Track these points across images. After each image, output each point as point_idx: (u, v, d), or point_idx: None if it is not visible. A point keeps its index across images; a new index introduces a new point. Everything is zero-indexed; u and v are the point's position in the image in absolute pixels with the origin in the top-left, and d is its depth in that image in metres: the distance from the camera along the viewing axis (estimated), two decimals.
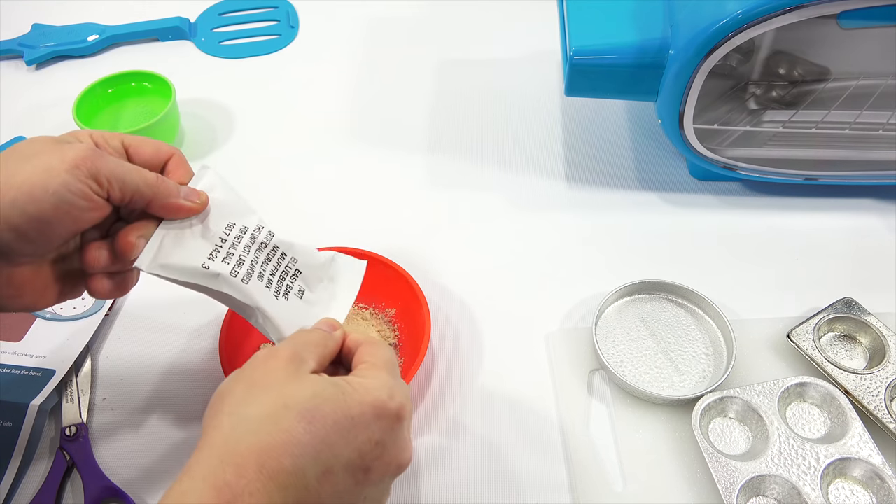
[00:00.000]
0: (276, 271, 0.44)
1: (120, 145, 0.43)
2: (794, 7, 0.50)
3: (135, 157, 0.43)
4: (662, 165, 0.70)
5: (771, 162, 0.64)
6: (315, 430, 0.35)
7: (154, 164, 0.44)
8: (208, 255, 0.42)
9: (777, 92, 0.66)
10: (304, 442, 0.34)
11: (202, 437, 0.35)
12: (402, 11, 0.88)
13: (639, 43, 0.57)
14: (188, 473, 0.33)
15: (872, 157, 0.63)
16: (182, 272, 0.41)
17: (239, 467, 0.33)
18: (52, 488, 0.49)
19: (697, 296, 0.57)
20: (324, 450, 0.35)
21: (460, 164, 0.72)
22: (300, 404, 0.35)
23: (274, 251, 0.44)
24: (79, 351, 0.56)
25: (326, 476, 0.35)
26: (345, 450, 0.35)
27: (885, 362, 0.52)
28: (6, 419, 0.51)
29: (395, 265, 0.57)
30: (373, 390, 0.37)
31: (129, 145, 0.43)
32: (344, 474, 0.35)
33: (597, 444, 0.51)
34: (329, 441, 0.35)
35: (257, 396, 0.36)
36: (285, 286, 0.44)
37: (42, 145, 0.39)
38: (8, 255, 0.38)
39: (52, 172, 0.37)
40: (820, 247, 0.63)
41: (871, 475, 0.47)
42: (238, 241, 0.43)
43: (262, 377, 0.37)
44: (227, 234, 0.43)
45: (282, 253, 0.45)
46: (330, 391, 0.36)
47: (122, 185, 0.39)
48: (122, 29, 0.85)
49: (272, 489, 0.33)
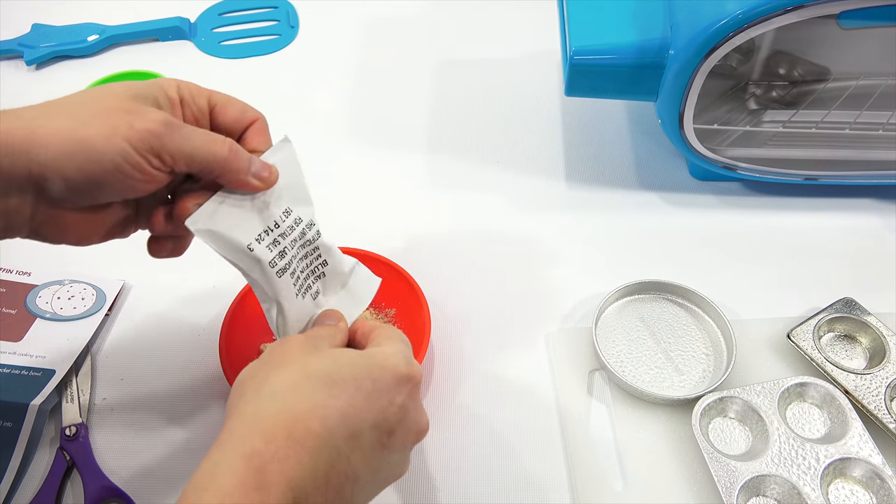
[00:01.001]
0: (306, 269, 0.44)
1: (205, 104, 0.42)
2: (794, 7, 0.50)
3: (218, 117, 0.42)
4: (662, 165, 0.70)
5: (771, 162, 0.64)
6: (338, 394, 0.35)
7: (236, 128, 0.43)
8: (257, 235, 0.40)
9: (777, 92, 0.66)
10: (330, 405, 0.35)
11: (227, 419, 0.36)
12: (401, 11, 0.88)
13: (639, 43, 0.57)
14: (218, 446, 0.34)
15: (872, 157, 0.63)
16: (226, 245, 0.39)
17: (267, 434, 0.33)
18: (52, 488, 0.49)
19: (697, 296, 0.57)
20: (350, 412, 0.35)
21: (460, 164, 0.72)
22: (321, 371, 0.36)
23: (314, 251, 0.44)
24: (79, 351, 0.56)
25: (354, 438, 0.35)
26: (370, 412, 0.36)
27: (885, 362, 0.52)
28: (6, 419, 0.51)
29: (396, 265, 0.57)
30: (391, 356, 0.38)
31: (215, 105, 0.42)
32: (370, 436, 0.36)
33: (597, 444, 0.51)
34: (354, 404, 0.36)
35: (279, 372, 0.37)
36: (307, 285, 0.44)
37: (118, 101, 0.37)
38: (56, 200, 0.37)
39: (114, 139, 0.36)
40: (820, 247, 0.63)
41: (871, 475, 0.47)
42: (289, 232, 0.42)
43: (280, 357, 0.38)
44: (282, 219, 0.41)
45: (318, 254, 0.44)
46: (347, 357, 0.38)
47: (189, 160, 0.38)
48: (122, 29, 0.85)
49: (301, 454, 0.33)
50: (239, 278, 0.42)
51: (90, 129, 0.36)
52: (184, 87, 0.41)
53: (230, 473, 0.32)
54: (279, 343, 0.40)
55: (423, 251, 0.64)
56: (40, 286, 0.60)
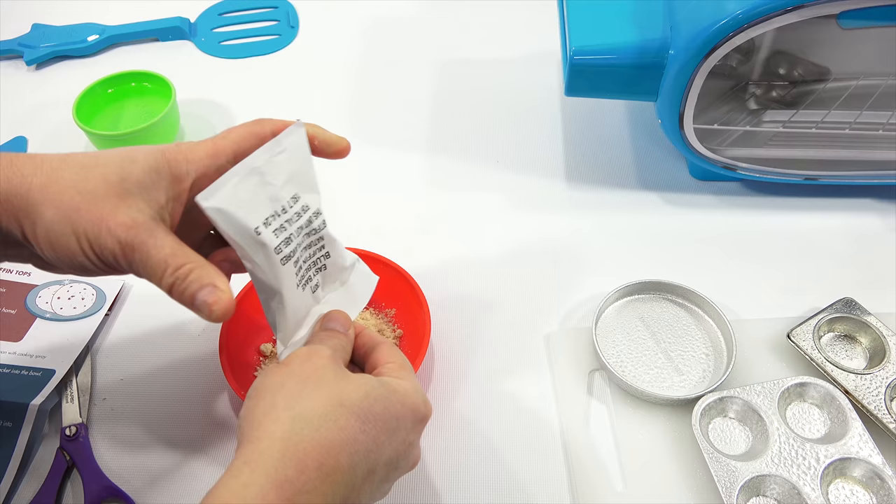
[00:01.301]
0: (308, 260, 0.43)
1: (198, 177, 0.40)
2: (794, 7, 0.50)
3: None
4: (662, 165, 0.70)
5: (771, 162, 0.64)
6: (368, 430, 0.36)
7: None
8: (265, 219, 0.39)
9: (777, 92, 0.66)
10: (359, 440, 0.36)
11: (252, 429, 0.36)
12: (402, 11, 0.88)
13: (639, 43, 0.57)
14: (248, 465, 0.34)
15: (872, 157, 0.63)
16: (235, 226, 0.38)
17: (301, 463, 0.34)
18: (52, 488, 0.49)
19: (697, 296, 0.57)
20: (374, 449, 0.36)
21: (460, 164, 0.71)
22: (355, 404, 0.36)
23: (318, 241, 0.43)
24: (79, 351, 0.56)
25: (370, 474, 0.37)
26: (387, 449, 0.37)
27: (885, 362, 0.52)
28: (6, 419, 0.51)
29: (395, 265, 0.57)
30: (412, 394, 0.39)
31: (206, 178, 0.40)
32: (381, 471, 0.37)
33: (597, 444, 0.51)
34: (378, 441, 0.37)
35: (312, 393, 0.37)
36: (307, 277, 0.43)
37: (97, 195, 0.37)
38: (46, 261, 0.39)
39: (81, 242, 0.37)
40: (820, 247, 0.63)
41: (871, 475, 0.47)
42: (296, 218, 0.41)
43: (311, 372, 0.38)
44: (289, 205, 0.40)
45: (322, 245, 0.43)
46: (379, 391, 0.38)
47: (143, 276, 0.39)
48: (122, 29, 0.85)
49: (326, 487, 0.34)
50: (239, 279, 0.42)
51: (64, 225, 0.37)
52: (181, 161, 0.40)
53: (260, 498, 0.33)
54: (306, 353, 0.39)
55: (423, 251, 0.64)
56: (40, 286, 0.60)
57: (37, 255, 0.39)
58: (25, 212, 0.37)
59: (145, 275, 0.38)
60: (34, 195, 0.37)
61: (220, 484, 0.34)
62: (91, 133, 0.69)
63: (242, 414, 0.38)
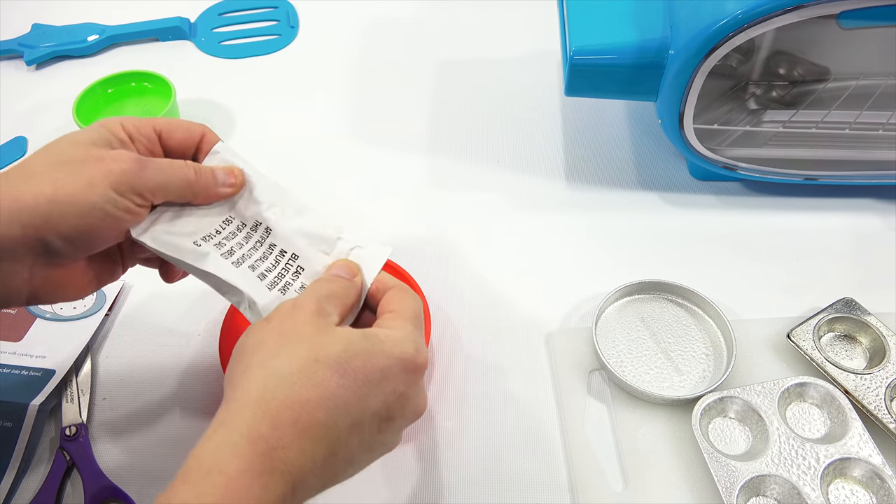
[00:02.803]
0: (274, 268, 0.44)
1: (153, 133, 0.43)
2: (794, 7, 0.50)
3: (167, 142, 0.44)
4: (662, 165, 0.70)
5: (771, 162, 0.64)
6: (347, 384, 0.35)
7: (187, 147, 0.44)
8: (201, 237, 0.42)
9: (777, 92, 0.66)
10: (338, 395, 0.35)
11: (231, 390, 0.36)
12: (402, 11, 0.88)
13: (639, 43, 0.57)
14: (223, 426, 0.34)
15: (872, 157, 0.63)
16: (172, 248, 0.41)
17: (274, 420, 0.34)
18: (52, 488, 0.49)
19: (697, 296, 0.57)
20: (355, 402, 0.36)
21: (460, 164, 0.71)
22: (331, 357, 0.36)
23: (271, 249, 0.44)
24: (79, 351, 0.56)
25: (356, 427, 0.36)
26: (373, 402, 0.36)
27: (885, 362, 0.52)
28: (6, 419, 0.51)
29: (395, 265, 0.57)
30: (400, 342, 0.38)
31: (161, 131, 0.43)
32: (370, 424, 0.37)
33: (597, 444, 0.51)
34: (360, 394, 0.36)
35: (288, 349, 0.36)
36: (285, 283, 0.43)
37: (83, 151, 0.39)
38: (54, 257, 0.39)
39: (96, 188, 0.38)
40: (820, 247, 0.63)
41: (871, 475, 0.47)
42: (232, 237, 0.43)
43: (291, 329, 0.37)
44: (222, 227, 0.43)
45: (281, 251, 0.44)
46: (360, 345, 0.37)
47: (164, 191, 0.41)
48: (122, 29, 0.85)
49: (305, 442, 0.34)
50: None
51: (71, 185, 0.38)
52: (128, 123, 0.42)
53: (235, 456, 0.33)
54: (288, 310, 0.39)
55: (423, 251, 0.64)
56: None
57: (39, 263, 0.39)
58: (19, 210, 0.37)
59: (163, 181, 0.40)
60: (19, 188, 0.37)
61: (198, 445, 0.34)
62: None
63: (225, 375, 0.38)
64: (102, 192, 0.38)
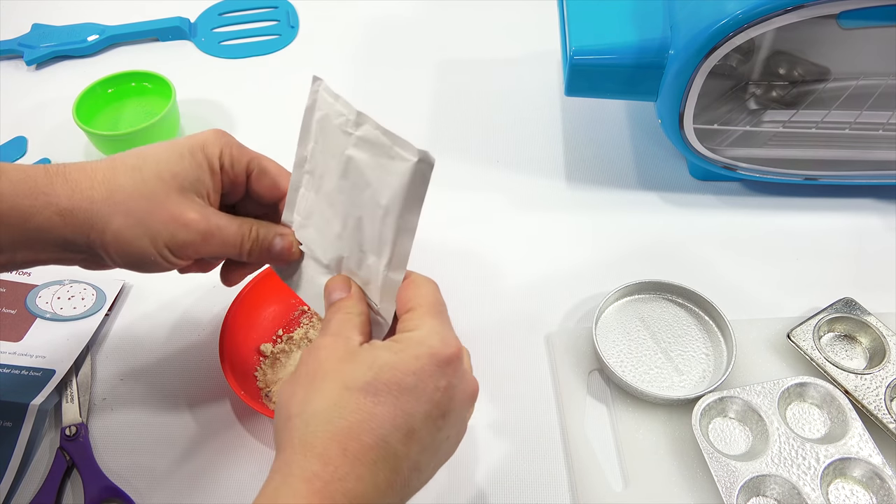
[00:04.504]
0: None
1: (243, 171, 0.45)
2: (794, 7, 0.50)
3: (254, 184, 0.46)
4: (662, 165, 0.70)
5: (771, 162, 0.64)
6: (383, 400, 0.35)
7: (269, 197, 0.46)
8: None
9: (777, 92, 0.66)
10: (377, 414, 0.35)
11: (278, 444, 0.36)
12: (401, 11, 0.88)
13: (639, 43, 0.57)
14: (278, 473, 0.34)
15: (872, 157, 0.63)
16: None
17: (322, 456, 0.34)
18: (52, 488, 0.49)
19: (697, 296, 0.57)
20: (399, 414, 0.35)
21: (460, 164, 0.71)
22: (359, 381, 0.35)
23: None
24: (79, 351, 0.56)
25: (410, 436, 0.35)
26: (419, 406, 0.36)
27: (885, 362, 0.52)
28: (6, 419, 0.51)
29: None
30: (425, 340, 0.37)
31: (252, 171, 0.45)
32: (425, 428, 0.36)
33: (597, 444, 0.51)
34: (401, 405, 0.35)
35: (318, 389, 0.36)
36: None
37: (163, 197, 0.41)
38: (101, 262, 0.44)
39: (156, 244, 0.41)
40: (820, 247, 0.63)
41: (871, 475, 0.47)
42: None
43: (315, 368, 0.37)
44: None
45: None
46: (384, 358, 0.36)
47: (219, 255, 0.45)
48: (122, 29, 0.85)
49: (360, 469, 0.34)
50: None
51: (137, 230, 0.41)
52: (226, 154, 0.44)
53: (294, 497, 0.33)
54: (309, 352, 0.38)
55: (423, 251, 0.63)
56: (40, 286, 0.60)
57: (92, 259, 0.43)
58: (91, 223, 0.40)
59: (222, 252, 0.44)
60: (98, 207, 0.40)
61: (257, 496, 0.34)
62: (91, 133, 0.69)
63: (274, 436, 0.38)
64: (160, 248, 0.41)
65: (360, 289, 0.42)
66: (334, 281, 0.42)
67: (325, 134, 0.42)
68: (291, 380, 0.38)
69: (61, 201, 0.40)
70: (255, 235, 0.44)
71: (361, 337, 0.39)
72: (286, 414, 0.36)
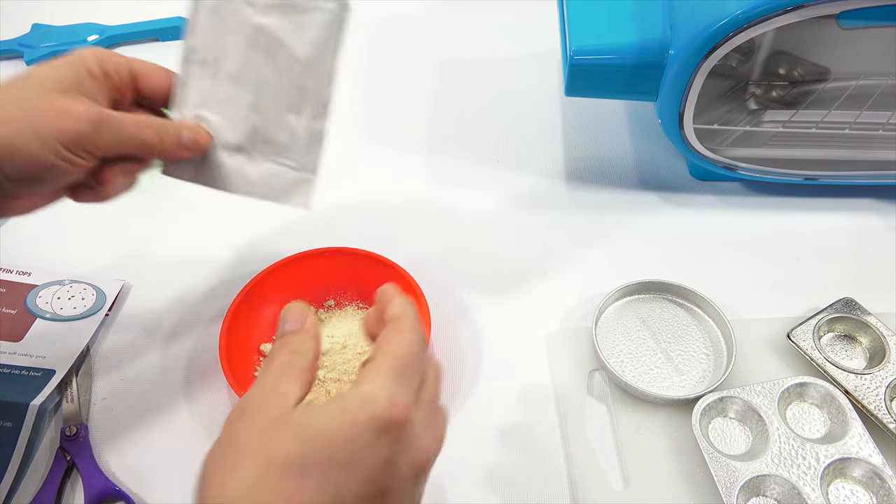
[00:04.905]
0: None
1: (128, 74, 0.43)
2: (794, 7, 0.50)
3: (143, 85, 0.44)
4: (662, 165, 0.70)
5: (771, 162, 0.64)
6: (308, 482, 0.30)
7: (162, 93, 0.45)
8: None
9: (777, 92, 0.66)
10: (302, 498, 0.30)
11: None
12: (402, 11, 0.88)
13: (639, 43, 0.57)
14: None
15: (872, 157, 0.63)
16: None
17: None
18: (52, 488, 0.49)
19: (697, 296, 0.57)
20: (328, 493, 0.31)
21: (460, 163, 0.71)
22: (284, 456, 0.31)
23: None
24: (79, 351, 0.56)
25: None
26: (351, 485, 0.31)
27: (885, 362, 0.52)
28: (6, 419, 0.51)
29: (395, 265, 0.57)
30: (370, 400, 0.32)
31: (138, 74, 0.44)
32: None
33: (597, 444, 0.51)
34: (332, 483, 0.31)
35: (237, 468, 0.31)
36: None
37: (46, 99, 0.39)
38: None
39: (47, 143, 0.39)
40: (820, 247, 0.63)
41: (871, 475, 0.47)
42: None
43: (238, 436, 0.32)
44: None
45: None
46: (316, 425, 0.32)
47: (119, 150, 0.42)
48: (122, 29, 0.85)
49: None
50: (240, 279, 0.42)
51: (24, 133, 0.38)
52: (106, 61, 0.43)
53: None
54: (238, 412, 0.33)
55: (424, 251, 0.64)
56: (40, 286, 0.60)
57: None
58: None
59: (119, 142, 0.41)
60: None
61: None
62: None
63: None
64: (52, 146, 0.39)
65: (315, 322, 0.37)
66: (291, 309, 0.37)
67: (219, 15, 0.43)
68: (215, 448, 0.33)
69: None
70: (155, 122, 0.43)
71: (300, 391, 0.34)
72: (206, 486, 0.32)
